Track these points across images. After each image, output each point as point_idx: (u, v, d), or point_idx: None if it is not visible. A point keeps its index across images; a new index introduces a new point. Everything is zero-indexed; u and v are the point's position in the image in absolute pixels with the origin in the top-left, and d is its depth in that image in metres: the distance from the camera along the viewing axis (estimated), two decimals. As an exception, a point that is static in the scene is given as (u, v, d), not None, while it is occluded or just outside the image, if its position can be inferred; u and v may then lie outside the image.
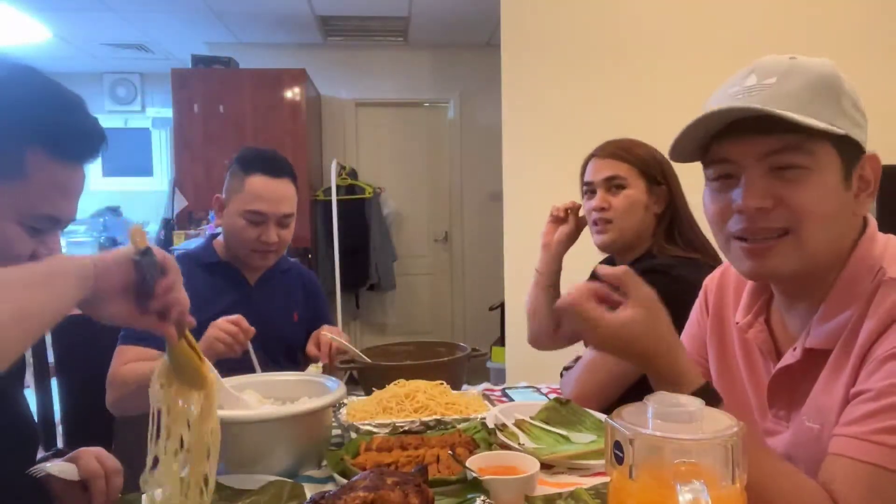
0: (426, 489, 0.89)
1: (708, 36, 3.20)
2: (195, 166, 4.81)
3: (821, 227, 0.85)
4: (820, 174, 0.84)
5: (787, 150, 0.83)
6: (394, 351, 1.82)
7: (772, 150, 0.84)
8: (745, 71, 0.88)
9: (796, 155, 0.83)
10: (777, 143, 0.84)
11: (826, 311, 0.88)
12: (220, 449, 1.17)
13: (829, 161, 0.84)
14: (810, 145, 0.83)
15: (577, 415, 1.41)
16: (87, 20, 4.73)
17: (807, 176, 0.84)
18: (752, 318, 1.00)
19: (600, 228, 1.63)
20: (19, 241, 0.89)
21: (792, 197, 0.84)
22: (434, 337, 5.39)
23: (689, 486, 0.59)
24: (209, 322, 1.72)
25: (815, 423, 0.88)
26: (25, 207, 0.88)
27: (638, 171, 1.60)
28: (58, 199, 0.91)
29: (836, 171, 0.85)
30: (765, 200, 0.84)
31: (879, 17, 3.23)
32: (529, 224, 3.28)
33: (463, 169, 5.72)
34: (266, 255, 1.77)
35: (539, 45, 3.25)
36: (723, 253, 0.96)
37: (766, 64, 0.87)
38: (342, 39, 5.40)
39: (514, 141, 3.27)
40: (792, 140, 0.83)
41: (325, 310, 2.02)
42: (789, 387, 0.93)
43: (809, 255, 0.86)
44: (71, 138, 0.90)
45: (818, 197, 0.84)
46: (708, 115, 0.85)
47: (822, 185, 0.84)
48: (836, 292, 0.88)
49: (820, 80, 0.84)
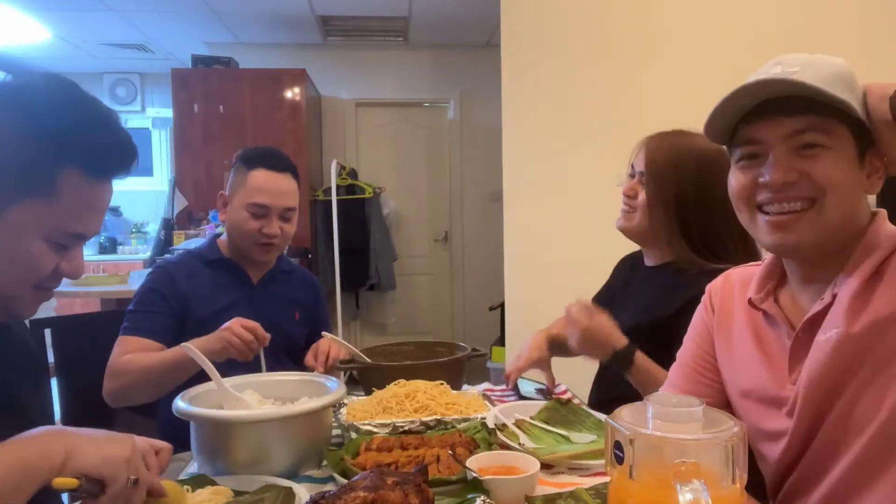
0: (426, 489, 0.89)
1: (708, 36, 3.20)
2: (195, 166, 4.81)
3: (840, 198, 0.93)
4: (839, 152, 0.93)
5: (809, 129, 0.92)
6: (394, 351, 1.82)
7: (796, 129, 0.93)
8: (771, 63, 0.96)
9: (818, 134, 0.92)
10: (801, 124, 0.93)
11: (849, 268, 0.95)
12: (221, 449, 1.17)
13: (846, 141, 0.93)
14: (830, 126, 0.92)
15: (577, 415, 1.41)
16: (87, 20, 4.73)
17: (827, 153, 0.93)
18: (764, 296, 1.06)
19: (622, 214, 1.62)
20: (44, 257, 0.88)
21: (814, 170, 0.93)
22: (434, 337, 5.39)
23: (689, 486, 0.59)
24: (213, 317, 1.73)
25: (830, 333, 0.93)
26: (54, 225, 0.87)
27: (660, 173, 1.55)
28: (87, 216, 0.90)
29: (852, 150, 0.93)
30: (790, 174, 0.93)
31: (880, 18, 3.23)
32: (529, 224, 3.29)
33: (463, 169, 5.72)
34: (269, 249, 1.78)
35: (539, 45, 3.25)
36: (749, 230, 1.03)
37: (790, 57, 0.95)
38: (342, 39, 5.40)
39: (514, 141, 3.27)
40: (815, 120, 0.92)
41: (325, 316, 2.03)
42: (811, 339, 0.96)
43: (828, 227, 0.94)
44: (105, 157, 0.89)
45: (838, 171, 0.93)
46: (745, 87, 0.93)
47: (841, 161, 0.93)
48: (858, 252, 0.95)
49: (840, 71, 0.92)
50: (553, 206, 3.23)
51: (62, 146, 0.85)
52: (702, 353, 1.16)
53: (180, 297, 1.74)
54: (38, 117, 0.84)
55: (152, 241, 5.64)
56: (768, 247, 1.00)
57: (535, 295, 3.20)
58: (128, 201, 6.06)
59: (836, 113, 0.91)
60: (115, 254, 5.66)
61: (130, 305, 1.74)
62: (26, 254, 0.86)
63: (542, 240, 3.25)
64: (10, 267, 0.86)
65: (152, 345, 1.66)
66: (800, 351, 0.98)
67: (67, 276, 0.92)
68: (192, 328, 1.68)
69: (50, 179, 0.85)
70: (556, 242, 3.23)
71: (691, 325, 1.20)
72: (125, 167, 0.91)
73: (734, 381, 1.09)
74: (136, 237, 5.81)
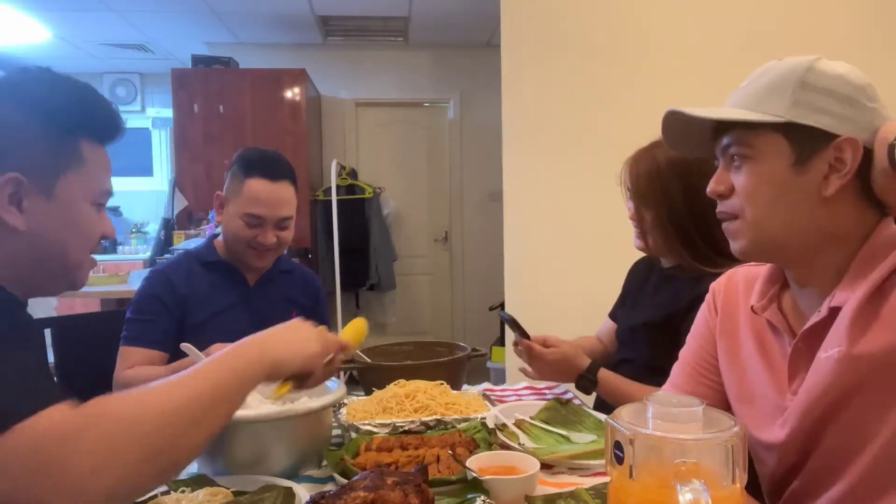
0: (426, 489, 0.89)
1: (708, 36, 3.20)
2: (195, 166, 4.81)
3: (764, 207, 0.95)
4: (763, 162, 0.95)
5: (733, 143, 0.97)
6: (394, 351, 1.82)
7: (725, 144, 0.99)
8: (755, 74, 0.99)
9: (740, 147, 0.96)
10: (728, 139, 0.98)
11: (848, 280, 0.93)
12: (221, 449, 1.17)
13: (773, 149, 0.94)
14: (751, 137, 0.95)
15: (577, 415, 1.41)
16: (87, 20, 4.73)
17: (748, 164, 0.96)
18: (766, 302, 1.05)
19: (636, 236, 1.61)
20: (95, 220, 0.99)
21: (738, 183, 0.97)
22: (434, 337, 5.39)
23: (689, 486, 0.59)
24: (210, 320, 1.72)
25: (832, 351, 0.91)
26: (92, 188, 0.99)
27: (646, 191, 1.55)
28: (107, 176, 1.03)
29: (784, 157, 0.93)
30: (718, 186, 1.00)
31: (880, 18, 3.23)
32: (529, 224, 3.29)
33: (463, 169, 5.72)
34: (263, 255, 1.77)
35: (539, 45, 3.25)
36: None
37: (759, 68, 0.99)
38: (342, 39, 5.40)
39: (514, 141, 3.27)
40: (738, 135, 0.96)
41: (325, 315, 2.02)
42: (810, 351, 0.95)
43: (762, 233, 0.96)
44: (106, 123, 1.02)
45: (756, 182, 0.95)
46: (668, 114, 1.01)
47: (763, 170, 0.95)
48: (858, 262, 0.93)
49: (780, 77, 0.94)
50: (553, 206, 3.23)
51: (75, 122, 0.96)
52: (703, 354, 1.15)
53: (179, 301, 1.73)
54: (46, 103, 0.94)
55: (152, 242, 5.64)
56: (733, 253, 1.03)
57: (535, 295, 3.20)
58: (128, 201, 6.05)
59: (759, 124, 0.93)
60: (115, 254, 5.65)
61: (129, 312, 1.73)
62: (85, 219, 0.97)
63: (542, 240, 3.25)
64: (77, 236, 0.96)
65: (156, 355, 1.66)
66: (799, 362, 0.97)
67: (108, 235, 1.03)
68: (190, 331, 1.68)
69: (76, 151, 0.96)
70: (556, 242, 3.23)
71: (694, 324, 1.19)
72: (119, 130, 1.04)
73: (734, 384, 1.08)
74: (136, 237, 5.80)
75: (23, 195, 0.89)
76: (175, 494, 1.06)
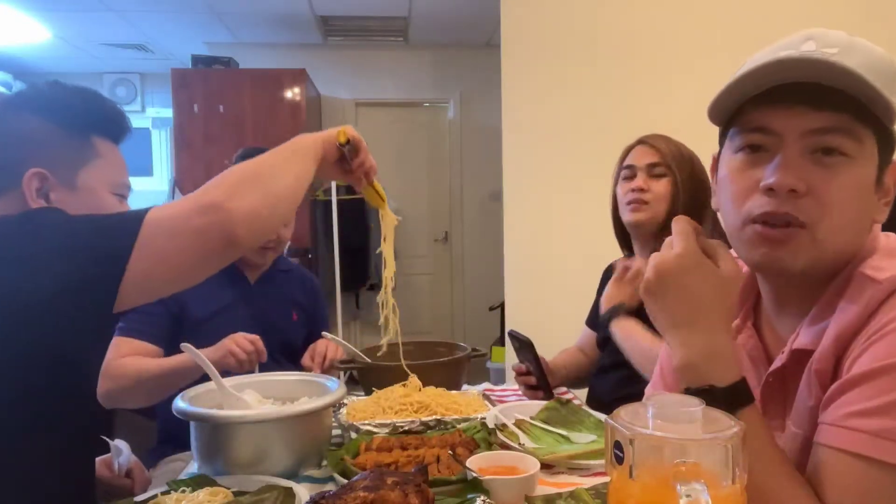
0: (426, 489, 0.89)
1: (708, 36, 3.20)
2: (195, 166, 4.81)
3: (843, 225, 0.76)
4: (862, 167, 0.75)
5: (836, 130, 0.74)
6: (394, 351, 1.82)
7: (821, 127, 0.74)
8: (801, 36, 0.77)
9: (843, 138, 0.74)
10: (828, 121, 0.74)
11: (816, 313, 0.81)
12: (221, 449, 1.17)
13: (871, 154, 0.76)
14: (860, 131, 0.74)
15: (577, 415, 1.41)
16: (87, 20, 4.73)
17: (848, 166, 0.75)
18: (740, 323, 0.91)
19: (636, 207, 1.67)
20: (117, 208, 1.09)
21: (825, 187, 0.74)
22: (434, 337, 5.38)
23: (689, 486, 0.59)
24: (210, 318, 1.72)
25: (798, 429, 0.80)
26: (111, 178, 1.09)
27: (677, 161, 1.67)
28: (123, 171, 1.13)
29: (874, 167, 0.77)
30: (800, 182, 0.74)
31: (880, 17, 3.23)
32: (529, 224, 3.29)
33: (463, 169, 5.71)
34: (263, 253, 1.78)
35: (539, 45, 3.25)
36: (732, 237, 0.84)
37: (825, 34, 0.77)
38: (342, 39, 5.40)
39: (514, 141, 3.27)
40: (844, 121, 0.74)
41: (324, 315, 2.02)
42: (781, 393, 0.84)
43: (822, 254, 0.77)
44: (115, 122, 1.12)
45: (853, 192, 0.75)
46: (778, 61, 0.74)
47: (861, 179, 0.76)
48: (830, 294, 0.80)
49: (882, 62, 0.74)
50: (553, 206, 3.23)
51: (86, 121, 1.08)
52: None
53: (177, 298, 1.73)
54: (64, 108, 1.06)
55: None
56: (753, 262, 0.82)
57: (535, 295, 3.20)
58: (128, 201, 6.05)
59: (869, 116, 0.74)
60: (115, 254, 5.65)
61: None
62: (109, 206, 1.07)
63: (542, 240, 3.25)
64: None
65: (148, 348, 1.65)
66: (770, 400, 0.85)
67: None
68: (189, 329, 1.68)
69: (90, 146, 1.07)
70: (556, 242, 3.23)
71: None
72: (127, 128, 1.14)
73: None
74: (136, 237, 5.80)
75: (49, 189, 1.01)
76: (175, 494, 1.06)
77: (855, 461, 0.70)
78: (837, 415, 0.73)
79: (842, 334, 0.76)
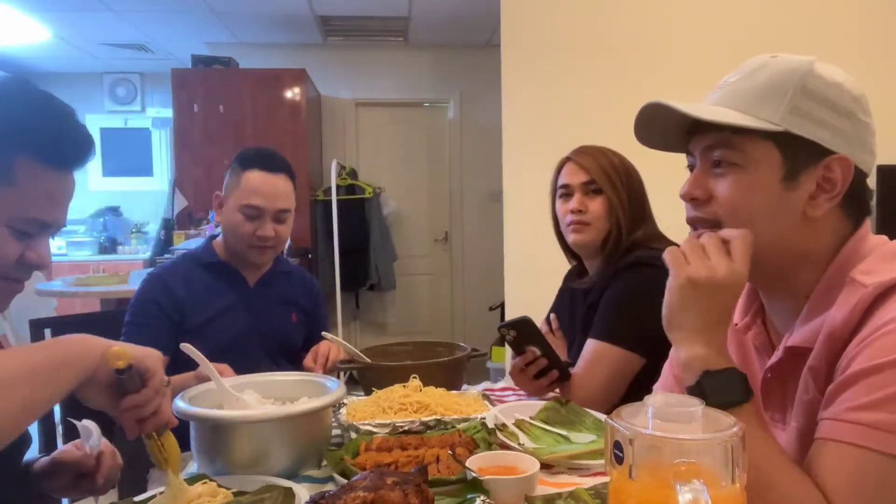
0: (426, 489, 0.89)
1: (707, 36, 3.20)
2: (195, 166, 4.81)
3: (746, 222, 0.86)
4: (752, 172, 0.86)
5: (718, 146, 0.87)
6: (394, 351, 1.82)
7: (707, 145, 0.89)
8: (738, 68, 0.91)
9: (726, 151, 0.87)
10: (710, 139, 0.88)
11: (809, 311, 0.87)
12: (221, 449, 1.17)
13: (765, 159, 0.85)
14: (740, 142, 0.86)
15: (577, 415, 1.41)
16: (87, 20, 4.73)
17: (735, 172, 0.87)
18: (749, 320, 0.99)
19: (577, 228, 1.68)
20: (7, 243, 0.92)
21: (719, 191, 0.88)
22: (434, 337, 5.37)
23: (689, 486, 0.59)
24: (210, 321, 1.72)
25: (795, 422, 0.87)
26: (14, 212, 0.91)
27: (609, 177, 1.66)
28: (47, 204, 0.95)
29: (775, 169, 0.85)
30: (694, 190, 0.90)
31: (879, 17, 3.23)
32: (529, 224, 3.28)
33: (463, 169, 5.72)
34: (263, 251, 1.77)
35: (539, 45, 3.25)
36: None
37: (748, 62, 0.89)
38: (342, 39, 5.40)
39: (514, 141, 3.27)
40: (723, 137, 0.87)
41: (324, 317, 2.02)
42: (780, 387, 0.91)
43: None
44: (60, 146, 0.94)
45: (743, 194, 0.86)
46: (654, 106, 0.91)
47: (752, 182, 0.86)
48: (818, 293, 0.87)
49: (778, 79, 0.85)
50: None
51: (13, 136, 0.89)
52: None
53: (177, 304, 1.73)
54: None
55: (152, 242, 5.64)
56: None
57: (535, 295, 3.19)
58: (128, 201, 6.05)
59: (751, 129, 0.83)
60: (115, 254, 5.66)
61: (127, 316, 1.73)
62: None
63: (542, 240, 3.24)
64: None
65: None
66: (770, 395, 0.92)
67: (34, 265, 0.95)
68: (190, 333, 1.68)
69: (7, 167, 0.89)
70: (555, 242, 3.22)
71: None
72: (80, 158, 0.96)
73: None
74: (135, 237, 5.80)
75: None
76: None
77: (852, 451, 0.75)
78: (836, 410, 0.78)
79: (832, 335, 0.82)
